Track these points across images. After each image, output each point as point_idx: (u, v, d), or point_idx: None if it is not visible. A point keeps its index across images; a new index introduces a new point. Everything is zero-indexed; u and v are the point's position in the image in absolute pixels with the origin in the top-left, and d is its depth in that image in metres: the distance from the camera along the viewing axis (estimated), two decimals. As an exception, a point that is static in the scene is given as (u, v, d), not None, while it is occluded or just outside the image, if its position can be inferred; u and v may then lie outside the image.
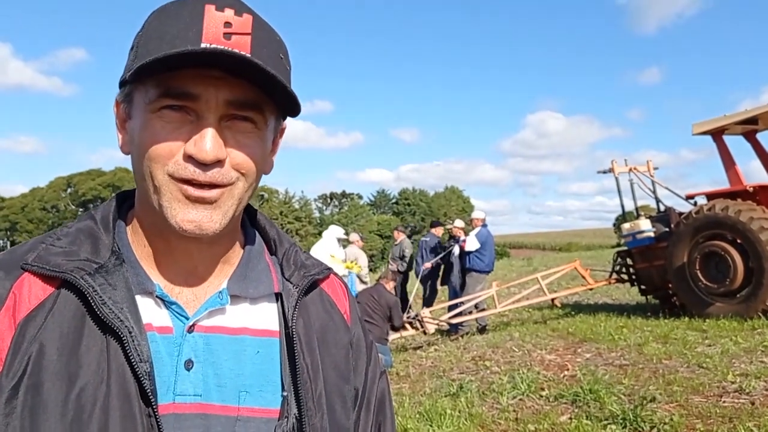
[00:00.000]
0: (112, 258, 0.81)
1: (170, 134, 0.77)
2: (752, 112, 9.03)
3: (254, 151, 0.82)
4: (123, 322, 0.75)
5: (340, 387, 0.94)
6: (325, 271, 0.99)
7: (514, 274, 20.29)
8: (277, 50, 0.82)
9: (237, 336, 0.86)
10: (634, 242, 10.43)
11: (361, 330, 1.03)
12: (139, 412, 0.74)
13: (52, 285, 0.78)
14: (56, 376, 0.73)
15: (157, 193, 0.79)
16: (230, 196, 0.81)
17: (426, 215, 71.51)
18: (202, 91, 0.76)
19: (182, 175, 0.77)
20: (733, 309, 8.49)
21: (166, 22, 0.77)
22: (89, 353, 0.75)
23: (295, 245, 1.00)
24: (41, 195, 71.58)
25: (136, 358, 0.74)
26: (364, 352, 1.01)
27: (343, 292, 1.04)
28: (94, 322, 0.76)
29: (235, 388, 0.83)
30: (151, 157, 0.78)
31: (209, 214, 0.79)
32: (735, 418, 4.49)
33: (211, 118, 0.77)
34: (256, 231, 0.99)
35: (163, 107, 0.77)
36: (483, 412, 5.24)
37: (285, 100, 0.82)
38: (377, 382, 1.02)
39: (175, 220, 0.78)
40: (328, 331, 0.95)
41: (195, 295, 0.86)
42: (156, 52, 0.74)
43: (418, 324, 9.27)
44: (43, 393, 0.72)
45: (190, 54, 0.72)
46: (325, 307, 0.98)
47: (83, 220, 0.87)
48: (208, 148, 0.76)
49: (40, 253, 0.79)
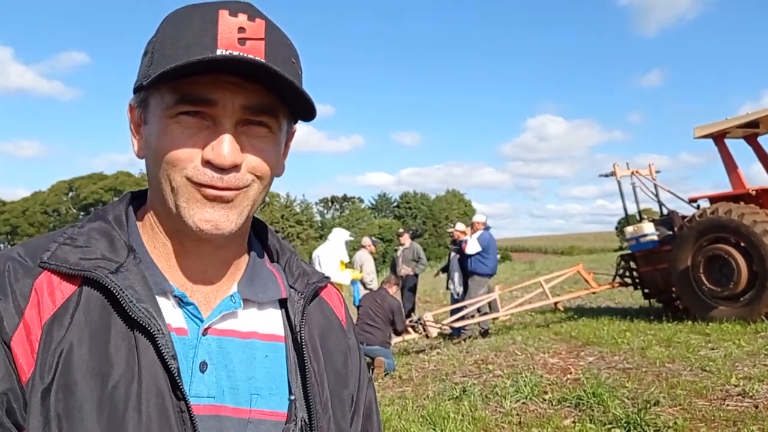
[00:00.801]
0: (130, 257, 0.82)
1: (188, 140, 0.78)
2: (754, 115, 9.03)
3: (269, 155, 0.83)
4: (152, 320, 0.76)
5: (340, 392, 0.96)
6: (324, 279, 1.02)
7: (516, 277, 20.29)
8: (289, 54, 0.83)
9: (248, 340, 0.87)
10: (638, 246, 10.42)
11: (354, 336, 1.06)
12: (172, 407, 0.75)
13: (73, 284, 0.78)
14: (89, 375, 0.73)
15: (174, 194, 0.80)
16: (246, 197, 0.82)
17: (427, 218, 71.62)
18: (219, 97, 0.77)
19: (200, 180, 0.78)
20: (737, 312, 8.48)
21: (180, 27, 0.79)
22: (118, 352, 0.75)
23: (296, 253, 1.03)
24: (43, 199, 71.70)
25: (168, 355, 0.76)
26: (357, 358, 1.04)
27: (339, 299, 1.07)
28: (122, 320, 0.77)
29: (247, 391, 0.84)
30: (169, 162, 0.79)
31: (226, 213, 0.80)
32: (739, 422, 4.49)
33: (228, 124, 0.78)
34: (258, 239, 1.01)
35: (180, 113, 0.78)
36: (486, 415, 5.23)
37: (299, 104, 0.83)
38: (365, 389, 1.04)
39: (192, 220, 0.79)
40: (328, 337, 0.98)
41: (206, 297, 0.87)
42: (172, 57, 0.75)
43: (421, 327, 9.28)
44: (76, 392, 0.72)
45: (207, 62, 0.73)
46: (325, 314, 1.00)
47: (94, 220, 0.86)
48: (226, 152, 0.77)
49: (56, 252, 0.79)
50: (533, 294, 11.04)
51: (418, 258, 12.19)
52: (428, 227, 69.49)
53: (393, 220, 70.57)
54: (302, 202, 74.81)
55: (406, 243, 12.34)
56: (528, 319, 11.68)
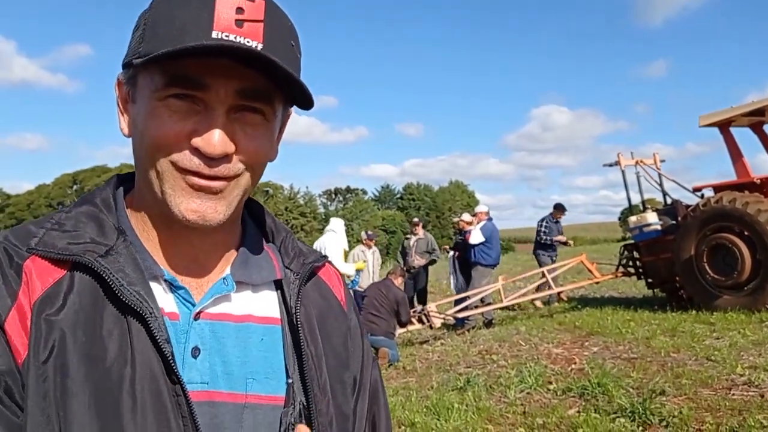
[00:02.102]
0: (120, 239, 0.80)
1: (177, 124, 0.75)
2: (759, 103, 8.95)
3: (262, 143, 0.81)
4: (143, 303, 0.74)
5: (340, 374, 0.93)
6: (321, 259, 0.99)
7: (520, 268, 20.25)
8: (288, 37, 0.79)
9: (242, 323, 0.85)
10: (641, 235, 10.38)
11: (356, 316, 1.03)
12: (167, 390, 0.74)
13: (62, 268, 0.76)
14: (82, 359, 0.72)
15: (159, 181, 0.77)
16: (236, 186, 0.80)
17: (431, 210, 71.61)
18: (211, 81, 0.74)
19: (187, 166, 0.76)
20: (741, 302, 8.45)
21: (175, 4, 0.75)
22: (111, 336, 0.74)
23: (291, 233, 1.00)
24: (47, 192, 71.94)
25: (161, 339, 0.74)
26: (359, 338, 1.01)
27: (338, 279, 1.04)
28: (113, 305, 0.75)
29: (242, 376, 0.82)
30: (156, 146, 0.76)
31: (214, 204, 0.78)
32: (744, 411, 4.47)
33: (220, 110, 0.75)
34: (252, 219, 0.98)
35: (169, 96, 0.75)
36: (490, 406, 5.23)
37: (296, 92, 0.80)
38: (370, 369, 1.02)
39: (178, 209, 0.77)
40: (327, 318, 0.95)
41: (198, 281, 0.85)
42: (165, 38, 0.72)
43: (425, 318, 9.29)
44: (72, 375, 0.71)
45: (202, 48, 0.70)
46: (323, 294, 0.97)
47: (81, 204, 0.84)
48: (215, 141, 0.74)
49: (43, 238, 0.77)
50: (536, 284, 11.03)
51: (432, 249, 12.14)
52: (431, 218, 69.45)
53: (396, 211, 70.57)
54: (306, 194, 74.98)
55: (420, 233, 12.24)
56: (531, 309, 11.67)
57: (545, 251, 12.30)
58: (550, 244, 12.27)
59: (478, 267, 10.70)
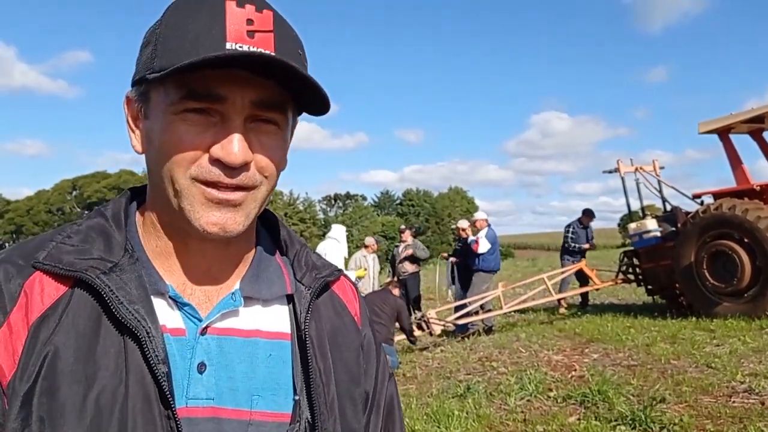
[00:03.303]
0: (126, 256, 0.80)
1: (195, 137, 0.75)
2: (759, 110, 8.98)
3: (277, 153, 0.81)
4: (140, 322, 0.74)
5: (351, 390, 0.92)
6: (336, 273, 0.98)
7: (519, 274, 20.25)
8: (296, 47, 0.80)
9: (249, 339, 0.84)
10: (641, 242, 10.38)
11: (371, 332, 1.02)
12: (159, 414, 0.73)
13: (65, 284, 0.76)
14: (73, 379, 0.71)
15: (178, 197, 0.77)
16: (253, 199, 0.80)
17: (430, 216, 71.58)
18: (227, 93, 0.74)
19: (207, 178, 0.75)
20: (741, 308, 8.44)
21: (185, 19, 0.75)
22: (106, 355, 0.73)
23: (306, 246, 0.99)
24: (46, 198, 71.90)
25: (154, 360, 0.73)
26: (374, 354, 1.00)
27: (353, 294, 1.02)
28: (111, 323, 0.74)
29: (247, 392, 0.81)
30: (174, 161, 0.76)
31: (233, 215, 0.78)
32: (745, 419, 4.46)
33: (237, 120, 0.75)
34: (267, 231, 0.97)
35: (185, 110, 0.75)
36: (491, 413, 5.22)
37: (309, 97, 0.80)
38: (386, 385, 1.00)
39: (199, 223, 0.76)
40: (339, 333, 0.93)
41: (207, 296, 0.84)
42: (179, 51, 0.73)
43: (425, 325, 9.28)
44: (59, 397, 0.70)
45: (223, 58, 0.70)
46: (336, 309, 0.96)
47: (93, 217, 0.84)
48: (236, 150, 0.74)
49: (51, 252, 0.77)
50: (536, 291, 11.02)
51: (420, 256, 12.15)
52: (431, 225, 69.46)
53: (396, 217, 70.58)
54: (305, 200, 74.99)
55: (408, 240, 12.30)
56: (531, 316, 11.66)
57: (571, 256, 12.29)
58: (578, 250, 12.26)
59: (480, 273, 10.70)
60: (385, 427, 0.98)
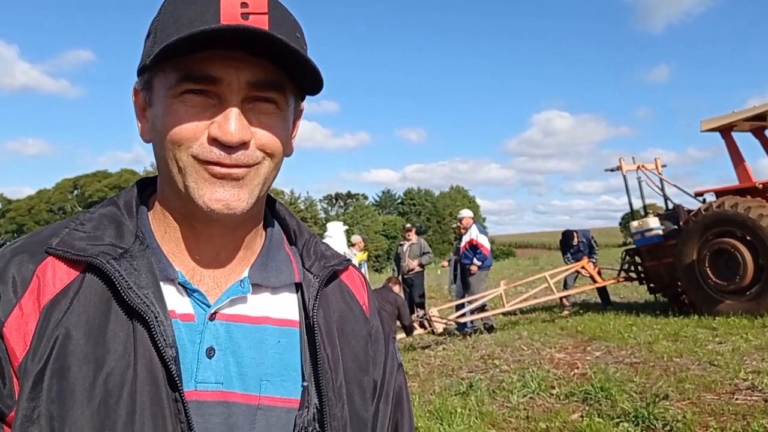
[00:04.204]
0: (137, 243, 0.81)
1: (193, 117, 0.77)
2: (761, 108, 8.98)
3: (278, 131, 0.81)
4: (149, 307, 0.75)
5: (359, 378, 0.92)
6: (345, 263, 0.99)
7: (521, 273, 20.24)
8: (293, 29, 0.81)
9: (258, 325, 0.85)
10: (643, 240, 10.39)
11: (380, 322, 1.02)
12: (166, 396, 0.74)
13: (76, 269, 0.77)
14: (83, 360, 0.72)
15: (182, 174, 0.78)
16: (256, 175, 0.80)
17: (431, 215, 71.59)
18: (223, 74, 0.76)
19: (207, 157, 0.77)
20: (743, 306, 8.45)
21: (182, 6, 0.77)
22: (116, 338, 0.74)
23: (315, 236, 1.00)
24: (48, 197, 71.94)
25: (162, 343, 0.74)
26: (382, 343, 1.00)
27: (362, 284, 1.03)
28: (120, 307, 0.76)
29: (256, 377, 0.82)
30: (175, 141, 0.77)
31: (236, 192, 0.78)
32: (748, 416, 4.46)
33: (234, 101, 0.77)
34: (276, 221, 0.98)
35: (184, 92, 0.76)
36: (493, 410, 5.22)
37: (306, 77, 0.81)
38: (395, 375, 1.01)
39: (203, 200, 0.78)
40: (347, 321, 0.94)
41: (216, 282, 0.85)
42: (175, 34, 0.73)
43: (427, 323, 9.29)
44: (70, 377, 0.71)
45: (211, 32, 0.71)
46: (345, 298, 0.97)
47: (106, 205, 0.86)
48: (233, 129, 0.76)
49: (64, 238, 0.79)
50: (538, 289, 11.03)
51: (425, 252, 12.18)
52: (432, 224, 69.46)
53: (397, 216, 70.58)
54: (306, 199, 74.99)
55: (413, 238, 12.32)
56: (533, 314, 11.67)
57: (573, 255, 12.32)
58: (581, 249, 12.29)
59: (478, 271, 10.70)
60: (393, 416, 0.99)
